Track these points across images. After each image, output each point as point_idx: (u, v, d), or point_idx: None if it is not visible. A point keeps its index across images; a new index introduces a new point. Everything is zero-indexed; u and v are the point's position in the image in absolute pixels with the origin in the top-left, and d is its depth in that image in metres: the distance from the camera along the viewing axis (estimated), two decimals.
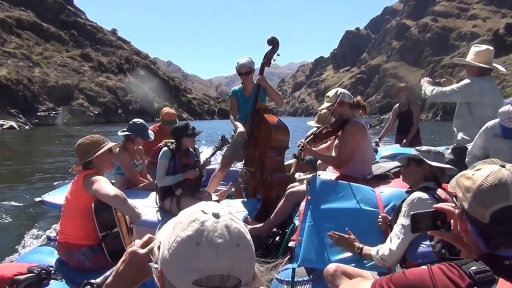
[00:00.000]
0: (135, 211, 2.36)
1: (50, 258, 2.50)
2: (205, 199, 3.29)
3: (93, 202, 2.32)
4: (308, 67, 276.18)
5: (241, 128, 3.76)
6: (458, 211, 1.03)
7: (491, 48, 3.35)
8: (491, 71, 3.38)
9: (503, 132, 2.57)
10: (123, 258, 0.85)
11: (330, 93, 3.20)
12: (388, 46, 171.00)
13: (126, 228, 2.46)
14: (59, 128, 34.89)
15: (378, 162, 3.58)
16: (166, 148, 3.41)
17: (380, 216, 2.32)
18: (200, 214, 0.68)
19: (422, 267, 0.99)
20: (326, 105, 3.15)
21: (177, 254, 0.65)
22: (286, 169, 4.00)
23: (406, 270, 1.03)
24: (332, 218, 2.37)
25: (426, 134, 16.17)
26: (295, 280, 2.22)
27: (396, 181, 2.88)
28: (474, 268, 0.90)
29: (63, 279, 1.97)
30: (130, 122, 4.06)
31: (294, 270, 2.23)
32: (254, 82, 3.91)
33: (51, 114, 46.80)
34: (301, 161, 3.05)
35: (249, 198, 3.71)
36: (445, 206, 1.12)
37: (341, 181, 2.72)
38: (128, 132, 3.94)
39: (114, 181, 3.83)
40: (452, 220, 1.10)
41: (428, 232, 1.18)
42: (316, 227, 2.33)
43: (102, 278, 0.94)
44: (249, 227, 3.04)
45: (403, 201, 1.96)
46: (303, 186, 2.98)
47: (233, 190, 4.10)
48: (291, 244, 2.49)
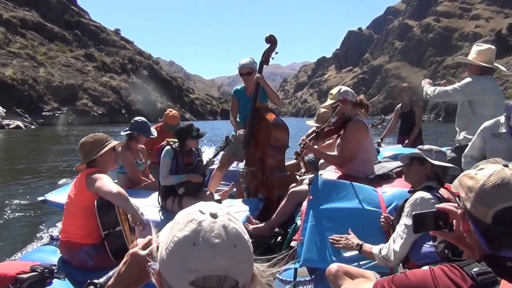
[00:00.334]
0: (139, 214, 2.36)
1: (53, 257, 2.50)
2: (207, 199, 3.29)
3: (95, 200, 2.32)
4: (310, 67, 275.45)
5: (240, 131, 3.85)
6: (460, 211, 1.03)
7: (493, 47, 3.35)
8: (493, 70, 3.37)
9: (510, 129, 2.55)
10: (125, 259, 0.85)
11: (334, 90, 3.20)
12: (390, 46, 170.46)
13: (129, 226, 2.46)
14: (64, 128, 35.01)
15: (380, 162, 3.58)
16: (168, 147, 3.41)
17: (382, 216, 2.31)
18: (197, 214, 0.68)
19: (424, 268, 0.99)
20: (329, 102, 3.16)
21: (174, 255, 0.65)
22: (287, 168, 4.00)
23: (407, 271, 1.03)
24: (334, 218, 2.36)
25: (428, 135, 16.11)
26: (297, 280, 2.22)
27: (398, 181, 2.88)
28: (476, 269, 0.89)
29: (66, 278, 1.97)
30: (132, 121, 4.07)
31: (296, 270, 2.23)
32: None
33: (56, 114, 46.83)
34: (301, 159, 3.03)
35: (251, 198, 3.71)
36: (447, 206, 1.11)
37: (343, 180, 2.71)
38: (130, 130, 3.94)
39: (116, 180, 3.84)
40: (454, 220, 1.09)
41: (430, 232, 1.18)
42: (318, 227, 2.33)
43: (105, 278, 0.94)
44: (251, 227, 3.04)
45: (406, 201, 1.96)
46: (305, 186, 2.98)
47: (234, 190, 4.10)
48: (293, 244, 2.49)
